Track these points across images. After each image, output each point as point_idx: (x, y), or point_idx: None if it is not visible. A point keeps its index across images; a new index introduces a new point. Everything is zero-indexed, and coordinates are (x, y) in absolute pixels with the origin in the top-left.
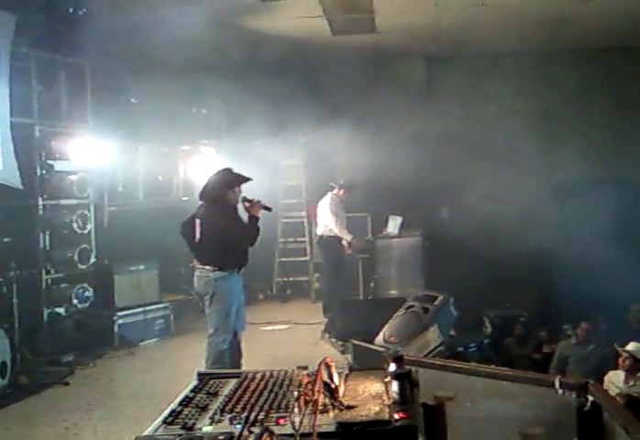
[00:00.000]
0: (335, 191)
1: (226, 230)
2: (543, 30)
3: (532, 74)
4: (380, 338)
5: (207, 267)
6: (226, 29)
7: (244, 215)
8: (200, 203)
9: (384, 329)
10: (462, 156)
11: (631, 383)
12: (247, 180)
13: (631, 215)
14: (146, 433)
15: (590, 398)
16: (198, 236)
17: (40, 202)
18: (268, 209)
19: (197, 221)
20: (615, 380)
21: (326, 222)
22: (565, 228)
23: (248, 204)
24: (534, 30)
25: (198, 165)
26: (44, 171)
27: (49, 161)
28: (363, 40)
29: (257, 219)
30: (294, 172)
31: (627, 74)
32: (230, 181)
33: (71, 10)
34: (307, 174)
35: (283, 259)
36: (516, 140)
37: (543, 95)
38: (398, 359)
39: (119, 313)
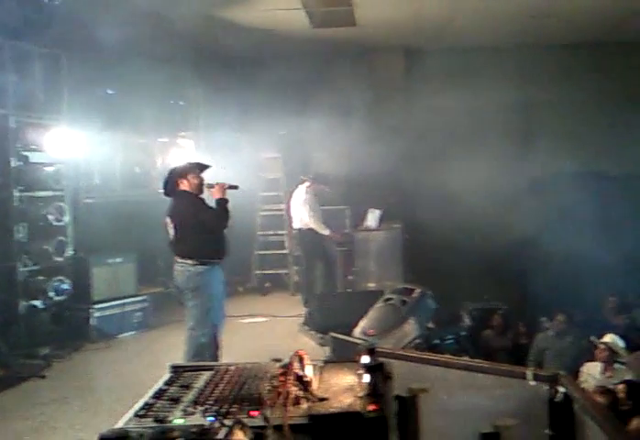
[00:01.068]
0: (307, 183)
1: (196, 218)
2: (523, 24)
3: (511, 68)
4: (358, 331)
5: (188, 261)
6: (205, 21)
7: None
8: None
9: (362, 322)
10: (442, 149)
11: (607, 374)
12: (203, 166)
13: (608, 209)
14: (117, 425)
15: (562, 389)
16: (172, 232)
17: (16, 193)
18: (234, 187)
19: (168, 219)
20: (593, 372)
21: (302, 215)
22: (543, 221)
23: (212, 189)
24: (513, 24)
25: (176, 157)
26: (19, 163)
27: (25, 153)
28: (343, 33)
29: (225, 201)
30: (273, 165)
31: (606, 69)
32: (184, 169)
33: (46, 0)
34: (286, 167)
35: (262, 252)
36: (496, 134)
37: (522, 89)
38: (370, 352)
39: (96, 306)
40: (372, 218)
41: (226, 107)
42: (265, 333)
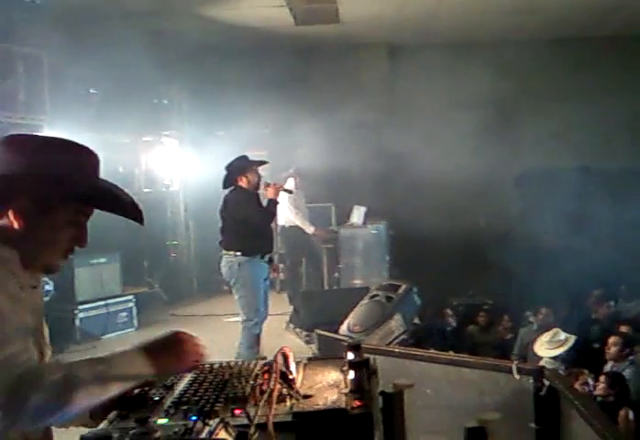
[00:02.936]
0: (291, 179)
1: (243, 213)
2: (506, 20)
3: (496, 63)
4: (344, 328)
5: (231, 252)
6: (189, 18)
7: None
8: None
9: (348, 318)
10: (426, 145)
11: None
12: (260, 163)
13: (591, 202)
14: (99, 427)
15: (547, 382)
16: (220, 224)
17: None
18: (287, 191)
19: (219, 212)
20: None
21: (286, 213)
22: (527, 216)
23: (268, 188)
24: (497, 19)
25: (160, 156)
26: None
27: None
28: (327, 30)
29: (276, 203)
30: None
31: (590, 63)
32: (242, 166)
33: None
34: (271, 164)
35: None
36: (480, 129)
37: (507, 84)
38: (355, 348)
39: (80, 307)
40: (358, 215)
41: (210, 105)
42: None
